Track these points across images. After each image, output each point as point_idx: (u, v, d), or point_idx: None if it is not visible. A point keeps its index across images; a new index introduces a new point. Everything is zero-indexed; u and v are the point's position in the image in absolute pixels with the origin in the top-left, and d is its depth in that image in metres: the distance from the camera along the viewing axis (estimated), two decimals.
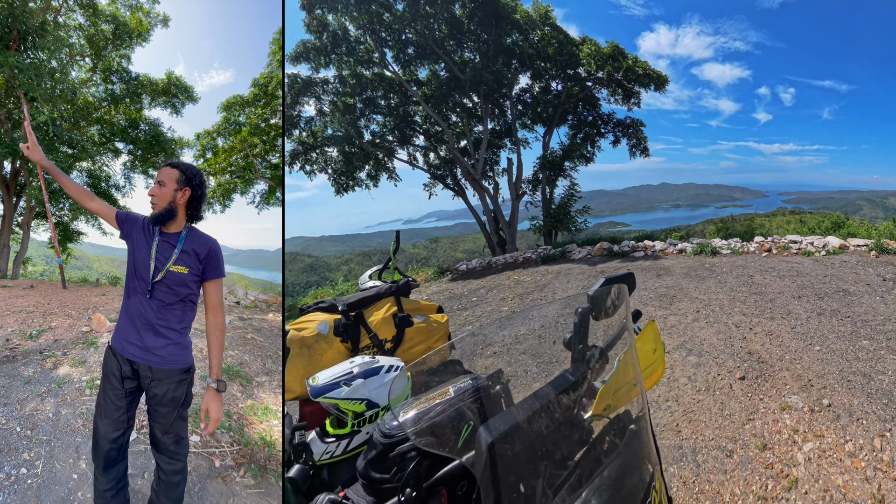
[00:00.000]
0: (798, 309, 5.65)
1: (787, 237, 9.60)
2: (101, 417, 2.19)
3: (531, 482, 1.03)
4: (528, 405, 1.14)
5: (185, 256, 2.20)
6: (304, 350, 2.19)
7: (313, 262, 48.30)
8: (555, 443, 1.15)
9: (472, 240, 37.79)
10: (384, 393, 1.69)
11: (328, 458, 1.64)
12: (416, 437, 1.15)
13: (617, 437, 1.23)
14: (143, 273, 2.18)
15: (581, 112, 15.67)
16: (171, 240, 2.23)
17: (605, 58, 13.89)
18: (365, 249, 54.82)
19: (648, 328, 1.78)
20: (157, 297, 2.17)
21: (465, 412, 1.21)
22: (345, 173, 14.55)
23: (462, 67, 13.91)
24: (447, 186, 15.48)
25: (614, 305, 1.59)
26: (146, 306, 2.18)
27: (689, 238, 11.23)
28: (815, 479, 2.83)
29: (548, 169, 15.11)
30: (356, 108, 14.12)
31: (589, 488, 1.03)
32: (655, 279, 7.68)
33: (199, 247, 2.24)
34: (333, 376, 1.72)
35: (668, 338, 5.12)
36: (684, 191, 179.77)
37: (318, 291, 12.11)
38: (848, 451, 3.04)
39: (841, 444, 3.12)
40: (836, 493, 2.71)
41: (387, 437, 1.24)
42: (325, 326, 2.25)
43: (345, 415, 1.68)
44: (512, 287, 8.59)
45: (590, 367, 1.40)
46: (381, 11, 12.96)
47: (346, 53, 13.38)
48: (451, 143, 14.62)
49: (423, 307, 2.57)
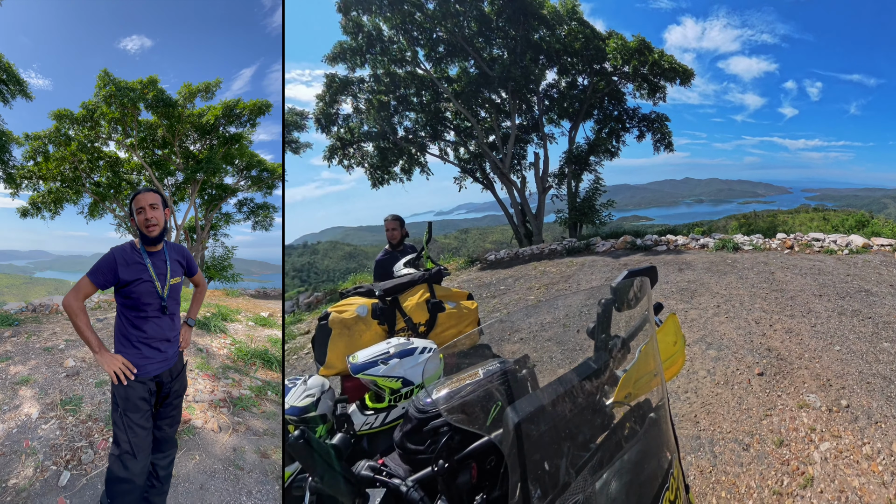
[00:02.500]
0: (819, 307, 5.39)
1: (810, 235, 9.12)
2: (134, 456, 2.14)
3: (555, 461, 1.04)
4: (552, 389, 1.15)
5: (176, 267, 2.41)
6: (345, 331, 2.26)
7: (352, 251, 49.20)
8: (577, 426, 1.15)
9: (501, 231, 37.56)
10: (418, 372, 1.73)
11: (367, 428, 1.70)
12: (448, 414, 1.18)
13: (637, 424, 1.23)
14: (151, 297, 2.26)
15: (607, 107, 15.23)
16: (158, 257, 2.35)
17: (632, 52, 13.37)
18: None
19: (669, 321, 1.76)
20: (170, 311, 2.33)
21: (493, 393, 1.23)
22: (380, 167, 14.67)
23: (491, 64, 13.71)
24: (476, 180, 15.44)
25: (636, 297, 1.58)
26: (163, 324, 2.31)
27: (712, 233, 10.85)
28: (831, 479, 2.72)
29: (573, 163, 14.84)
30: (390, 105, 14.17)
31: (609, 470, 1.04)
32: (677, 273, 7.48)
33: (179, 255, 2.47)
34: (372, 355, 1.77)
35: (689, 331, 4.99)
36: (707, 186, 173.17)
37: (357, 277, 12.31)
38: (865, 454, 2.89)
39: (858, 446, 2.97)
40: (851, 495, 2.59)
41: (421, 412, 1.27)
42: (363, 310, 2.31)
43: (382, 391, 1.74)
44: (538, 277, 8.53)
45: (612, 356, 1.40)
46: (413, 11, 12.89)
47: (381, 53, 13.43)
48: (480, 139, 14.52)
49: (454, 294, 2.59)
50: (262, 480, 3.31)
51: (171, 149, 15.19)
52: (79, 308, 2.16)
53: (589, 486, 0.99)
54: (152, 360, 2.27)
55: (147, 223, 2.28)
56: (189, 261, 2.54)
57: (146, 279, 2.25)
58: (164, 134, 14.89)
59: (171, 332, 2.37)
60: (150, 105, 14.06)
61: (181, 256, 2.49)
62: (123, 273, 2.20)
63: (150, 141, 15.12)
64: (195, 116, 14.86)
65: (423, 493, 1.09)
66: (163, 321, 2.31)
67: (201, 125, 14.89)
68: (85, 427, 3.57)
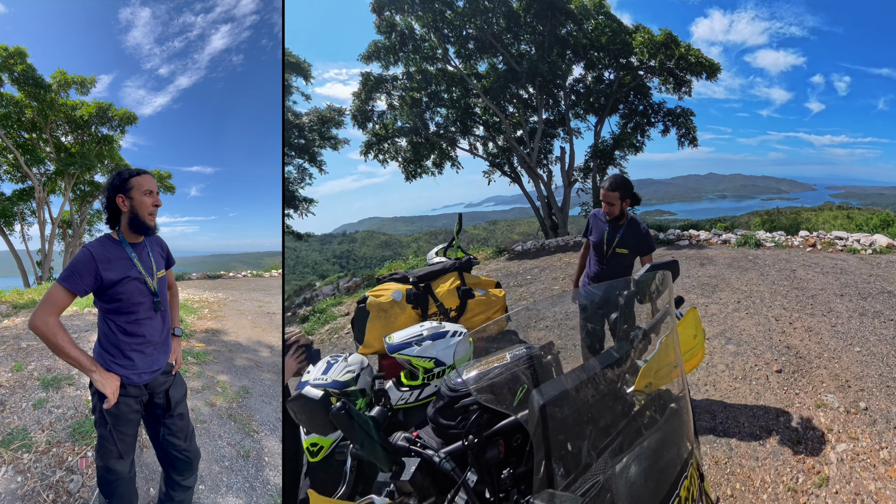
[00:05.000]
0: (840, 307, 5.11)
1: (833, 233, 8.58)
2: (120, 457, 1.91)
3: (577, 442, 1.05)
4: (576, 375, 1.15)
5: (159, 259, 2.06)
6: (382, 313, 2.32)
7: (387, 240, 50.03)
8: (599, 411, 1.14)
9: (527, 223, 37.23)
10: (450, 354, 1.77)
11: (403, 403, 1.75)
12: (477, 393, 1.20)
13: (657, 413, 1.22)
14: (141, 295, 1.90)
15: (632, 101, 14.71)
16: (141, 249, 1.97)
17: (658, 46, 12.82)
18: (431, 229, 55.81)
19: (690, 314, 1.73)
20: (162, 307, 1.99)
21: (520, 376, 1.25)
22: (413, 161, 14.70)
23: (518, 60, 13.43)
24: (504, 173, 15.28)
25: (658, 290, 1.56)
26: (158, 323, 1.97)
27: (734, 229, 10.40)
28: (847, 481, 2.59)
29: (598, 157, 14.48)
30: (422, 101, 14.11)
31: (630, 454, 1.04)
32: (699, 268, 7.24)
33: (159, 246, 2.11)
34: (406, 337, 1.81)
35: (709, 325, 4.83)
36: (731, 181, 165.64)
37: (392, 264, 12.46)
38: (882, 458, 2.74)
39: (876, 449, 2.81)
40: (867, 499, 2.46)
41: (452, 391, 1.29)
42: (398, 294, 2.36)
43: (416, 369, 1.78)
44: (563, 268, 8.40)
45: (633, 347, 1.38)
46: (444, 9, 12.72)
47: (413, 51, 13.34)
48: (508, 133, 14.32)
49: (483, 282, 2.60)
50: (224, 424, 3.46)
51: (41, 135, 13.61)
52: (55, 326, 1.70)
53: (609, 469, 0.99)
54: (145, 369, 1.93)
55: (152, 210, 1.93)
56: (168, 252, 2.17)
57: (134, 276, 1.86)
58: (35, 117, 13.08)
59: (165, 333, 2.03)
60: (18, 80, 12.50)
61: (160, 247, 2.11)
62: (107, 273, 1.78)
63: (16, 121, 13.07)
64: (69, 108, 13.49)
65: (455, 465, 1.12)
66: (155, 321, 1.96)
67: (75, 119, 13.57)
68: (52, 456, 2.86)
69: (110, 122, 14.22)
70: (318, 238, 44.06)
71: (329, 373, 1.72)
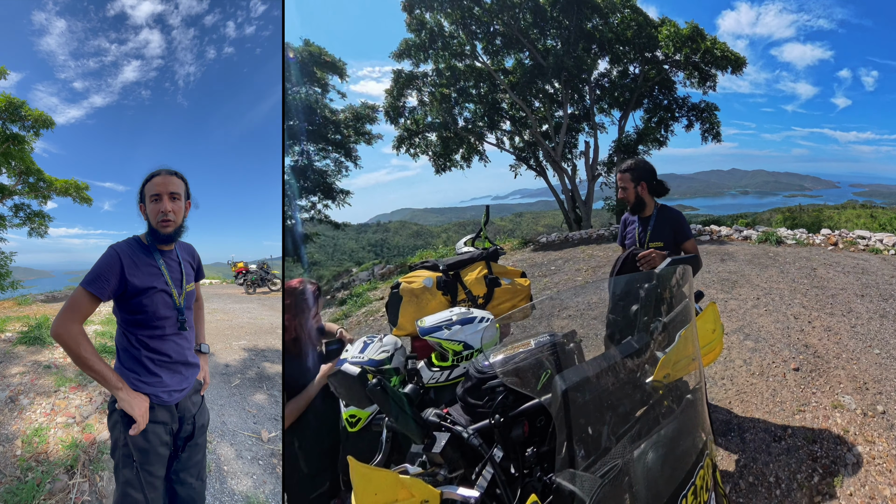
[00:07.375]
0: (860, 308, 4.80)
1: (856, 232, 7.99)
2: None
3: (597, 427, 1.06)
4: (597, 363, 1.16)
5: (189, 270, 1.78)
6: (414, 299, 2.36)
7: (418, 230, 50.63)
8: (619, 398, 1.15)
9: (552, 216, 36.71)
10: (477, 338, 1.79)
11: (434, 382, 1.79)
12: (503, 376, 1.23)
13: (675, 403, 1.21)
14: (167, 310, 1.63)
15: (656, 96, 14.06)
16: (171, 258, 1.70)
17: (684, 39, 12.12)
18: (460, 220, 55.98)
19: (709, 309, 1.69)
20: (189, 324, 1.70)
21: (543, 361, 1.26)
22: (442, 155, 14.65)
23: (545, 55, 13.06)
24: (530, 167, 15.06)
25: (678, 284, 1.53)
26: (183, 342, 1.68)
27: (755, 225, 9.92)
28: (862, 484, 2.46)
29: (622, 152, 13.99)
30: (451, 97, 13.98)
31: (647, 441, 1.04)
32: (719, 263, 6.96)
33: (190, 255, 1.83)
34: (437, 321, 1.85)
35: (728, 321, 4.67)
36: (754, 178, 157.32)
37: (423, 253, 12.56)
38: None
39: (893, 454, 2.66)
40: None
41: (480, 373, 1.32)
42: (429, 281, 2.40)
43: (446, 352, 1.82)
44: (586, 260, 8.26)
45: (653, 338, 1.37)
46: (472, 5, 12.47)
47: (442, 48, 13.19)
48: (534, 128, 14.07)
49: (509, 271, 2.60)
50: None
51: None
52: (79, 334, 1.46)
53: (627, 453, 1.00)
54: (175, 387, 1.64)
55: (161, 217, 1.62)
56: (199, 262, 1.88)
57: (161, 287, 1.60)
58: None
59: (191, 353, 1.75)
60: None
61: (191, 257, 1.83)
62: (133, 278, 1.54)
63: None
64: None
65: (482, 441, 1.15)
66: (181, 340, 1.67)
67: None
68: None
69: (23, 121, 11.13)
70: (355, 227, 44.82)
71: (366, 352, 1.78)
